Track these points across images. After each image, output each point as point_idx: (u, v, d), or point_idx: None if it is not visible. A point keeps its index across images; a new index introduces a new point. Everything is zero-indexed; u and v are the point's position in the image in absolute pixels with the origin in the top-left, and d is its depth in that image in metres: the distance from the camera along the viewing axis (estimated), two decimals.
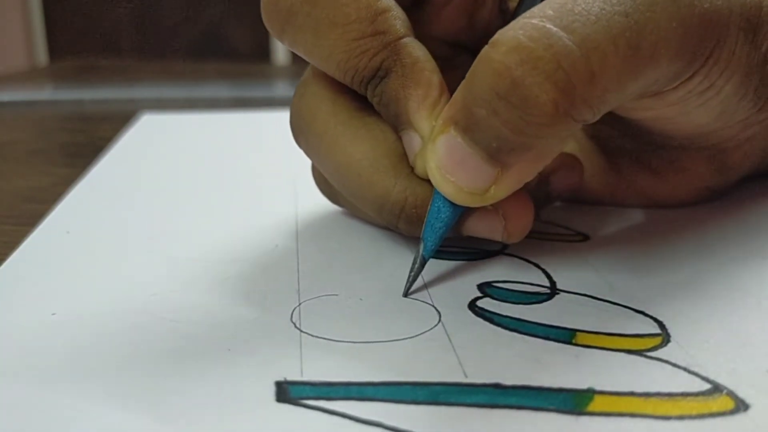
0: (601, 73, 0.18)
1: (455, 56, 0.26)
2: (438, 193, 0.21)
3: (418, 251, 0.22)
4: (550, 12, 0.18)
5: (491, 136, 0.19)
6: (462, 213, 0.21)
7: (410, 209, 0.22)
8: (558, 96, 0.18)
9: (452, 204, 0.21)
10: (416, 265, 0.22)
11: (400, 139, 0.23)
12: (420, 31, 0.24)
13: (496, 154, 0.19)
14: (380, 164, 0.22)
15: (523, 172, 0.20)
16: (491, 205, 0.21)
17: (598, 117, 0.19)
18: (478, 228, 0.22)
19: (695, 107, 0.22)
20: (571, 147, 0.27)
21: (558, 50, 0.18)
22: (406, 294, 0.21)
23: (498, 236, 0.22)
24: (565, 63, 0.18)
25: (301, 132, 0.24)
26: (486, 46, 0.19)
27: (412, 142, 0.22)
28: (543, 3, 0.19)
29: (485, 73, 0.18)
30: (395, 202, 0.22)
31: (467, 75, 0.19)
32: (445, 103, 0.22)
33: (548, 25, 0.18)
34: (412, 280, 0.21)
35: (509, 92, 0.18)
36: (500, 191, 0.20)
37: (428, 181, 0.22)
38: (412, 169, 0.22)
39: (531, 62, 0.18)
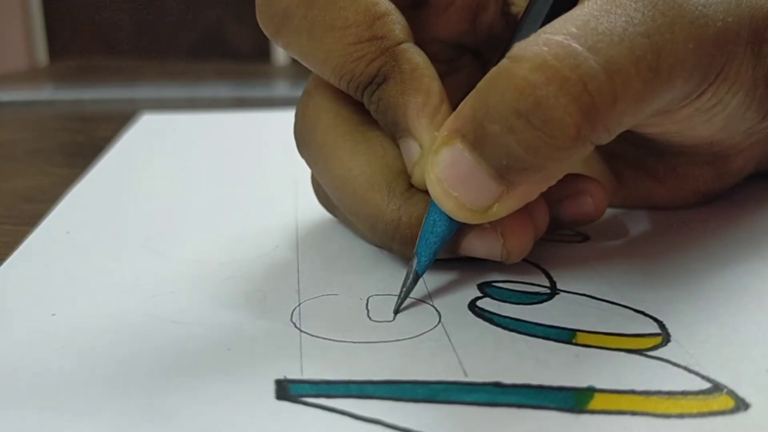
0: (622, 96, 0.18)
1: (458, 58, 0.25)
2: (434, 206, 0.20)
3: (411, 266, 0.21)
4: (574, 30, 0.18)
5: (502, 153, 0.18)
6: (458, 229, 0.21)
7: (404, 229, 0.21)
8: (581, 119, 0.17)
9: (449, 218, 0.20)
10: (409, 281, 0.21)
11: (399, 153, 0.22)
12: (422, 33, 0.23)
13: (505, 173, 0.18)
14: (375, 181, 0.22)
15: (527, 192, 0.19)
16: (489, 223, 0.20)
17: (610, 140, 0.19)
18: (475, 247, 0.21)
19: (701, 122, 0.22)
20: None
21: (584, 72, 0.17)
22: (397, 311, 0.20)
23: (497, 256, 0.21)
24: (591, 86, 0.17)
25: (303, 142, 0.24)
26: (504, 59, 0.18)
27: (411, 150, 0.21)
28: (562, 18, 0.18)
29: (505, 89, 0.18)
30: (389, 222, 0.21)
31: (479, 86, 0.18)
32: (446, 111, 0.21)
33: (574, 44, 0.17)
34: (404, 296, 0.21)
35: (531, 111, 0.17)
36: (502, 210, 0.19)
37: (423, 199, 0.21)
38: (408, 186, 0.22)
39: (557, 82, 0.17)
